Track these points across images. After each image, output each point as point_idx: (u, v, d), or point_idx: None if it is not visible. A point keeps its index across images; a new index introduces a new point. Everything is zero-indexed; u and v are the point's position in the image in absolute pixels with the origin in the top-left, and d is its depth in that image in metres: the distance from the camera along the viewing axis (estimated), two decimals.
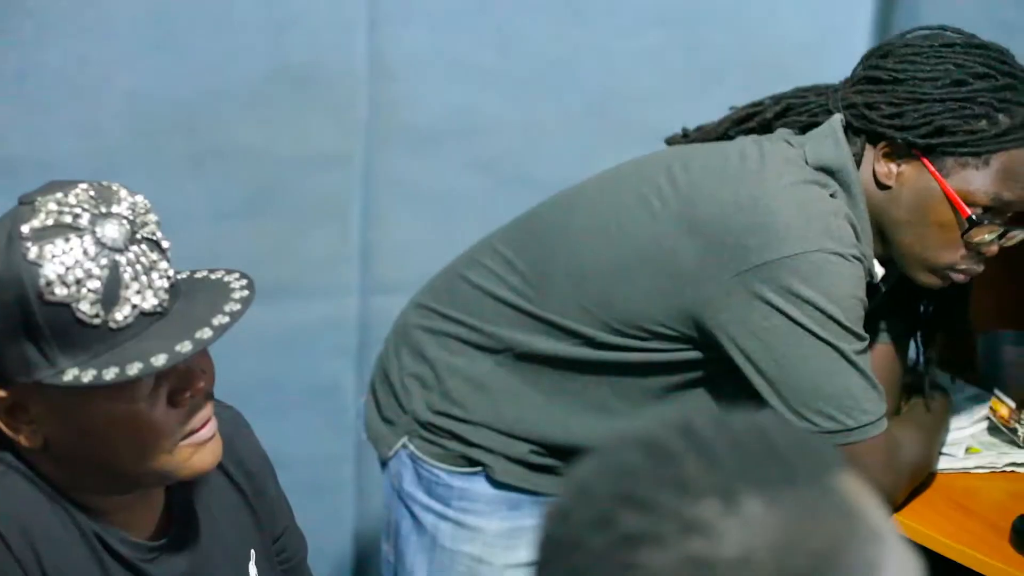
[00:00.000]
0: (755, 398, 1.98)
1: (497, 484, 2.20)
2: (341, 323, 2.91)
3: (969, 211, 1.96)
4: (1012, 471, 2.20)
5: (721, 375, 2.04)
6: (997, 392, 2.30)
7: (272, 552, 1.78)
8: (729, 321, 1.96)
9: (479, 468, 2.21)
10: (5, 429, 1.50)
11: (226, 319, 1.48)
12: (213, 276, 1.56)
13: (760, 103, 2.17)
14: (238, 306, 1.50)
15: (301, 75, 2.74)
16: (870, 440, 1.96)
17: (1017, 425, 2.25)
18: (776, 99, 2.16)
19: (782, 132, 2.09)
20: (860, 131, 2.03)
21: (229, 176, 2.75)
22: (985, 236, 1.99)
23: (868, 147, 2.02)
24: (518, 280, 2.15)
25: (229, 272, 1.57)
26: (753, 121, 2.15)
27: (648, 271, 2.03)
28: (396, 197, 2.88)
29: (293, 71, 2.74)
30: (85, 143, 2.62)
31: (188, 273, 1.56)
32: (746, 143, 2.08)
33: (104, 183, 1.50)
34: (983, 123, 1.95)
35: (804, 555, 0.89)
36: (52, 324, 1.43)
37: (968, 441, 2.27)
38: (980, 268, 2.04)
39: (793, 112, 2.12)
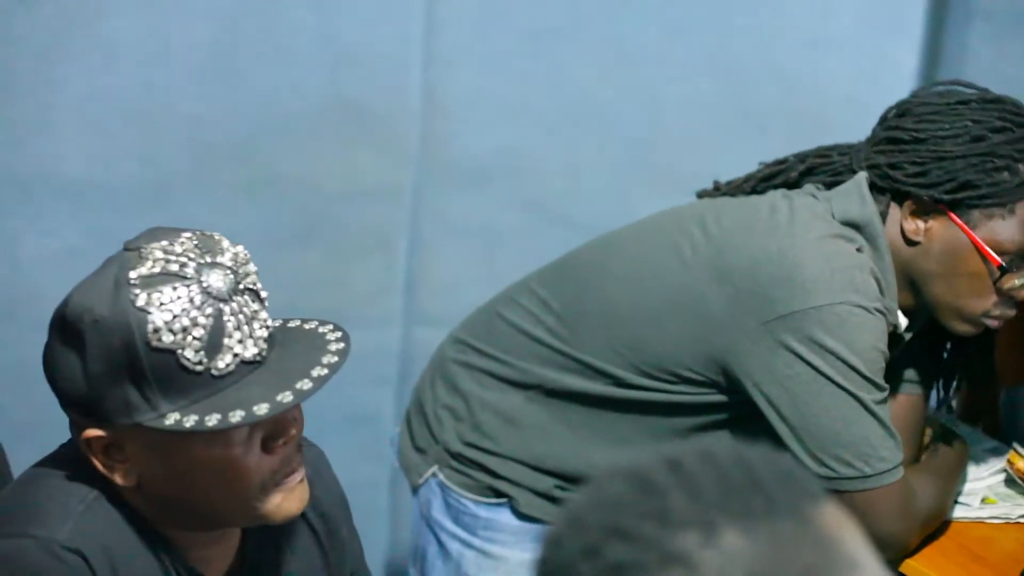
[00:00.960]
0: (777, 441, 2.03)
1: (522, 516, 2.26)
2: (384, 353, 2.97)
3: (1000, 259, 2.01)
4: None
5: (745, 418, 2.08)
6: (1016, 445, 2.33)
7: None
8: (754, 368, 2.02)
9: (505, 500, 2.26)
10: (100, 467, 1.53)
11: (325, 371, 1.51)
12: (307, 326, 1.59)
13: (784, 160, 2.22)
14: (335, 359, 1.53)
15: (355, 109, 2.81)
16: (886, 487, 2.01)
17: None
18: (801, 157, 2.21)
19: (809, 188, 2.14)
20: (884, 190, 2.09)
21: (281, 205, 2.82)
22: (1016, 282, 2.04)
23: (894, 205, 2.08)
24: (553, 320, 2.21)
25: (323, 323, 1.60)
26: (779, 179, 2.20)
27: (678, 317, 2.09)
28: (442, 232, 2.94)
29: (347, 105, 2.81)
30: (145, 168, 2.70)
31: (281, 322, 1.60)
32: (776, 197, 2.14)
33: (207, 233, 1.54)
34: (1005, 175, 2.01)
35: None
36: (156, 369, 1.46)
37: (985, 492, 2.30)
38: (1012, 312, 2.08)
39: (818, 171, 2.17)
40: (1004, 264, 2.02)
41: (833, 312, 1.98)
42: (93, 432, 1.52)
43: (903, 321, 2.12)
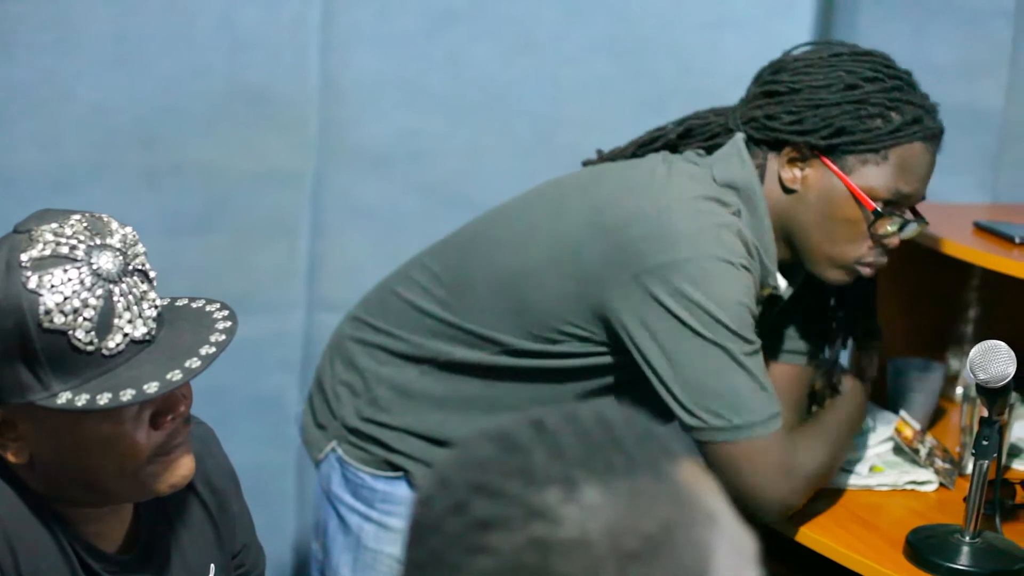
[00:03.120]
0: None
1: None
2: (287, 337, 2.99)
3: (874, 204, 2.08)
4: (912, 489, 2.31)
5: (635, 380, 2.12)
6: (903, 414, 2.40)
7: (231, 567, 1.83)
8: (628, 321, 2.07)
9: (401, 473, 2.32)
10: None
11: (213, 349, 1.54)
12: (194, 305, 1.63)
13: (663, 127, 2.28)
14: (223, 336, 1.57)
15: (255, 95, 2.82)
16: (760, 440, 2.04)
17: (919, 446, 2.35)
18: (679, 122, 2.27)
19: (689, 154, 2.20)
20: (761, 142, 2.15)
21: (183, 191, 2.82)
22: (888, 227, 2.11)
23: (772, 156, 2.14)
24: (443, 292, 2.26)
25: (210, 302, 1.63)
26: (658, 143, 2.25)
27: (559, 273, 2.14)
28: (344, 216, 2.96)
29: (248, 91, 2.82)
30: (45, 155, 2.69)
31: (169, 300, 1.62)
32: (656, 161, 2.20)
33: (96, 214, 1.56)
34: (878, 121, 2.09)
35: (637, 537, 1.00)
36: (48, 350, 1.49)
37: (873, 460, 2.36)
38: (885, 260, 2.15)
39: (695, 133, 2.23)
40: (878, 209, 2.08)
41: (698, 265, 2.03)
42: None
43: (783, 283, 2.18)
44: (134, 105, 2.75)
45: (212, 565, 1.78)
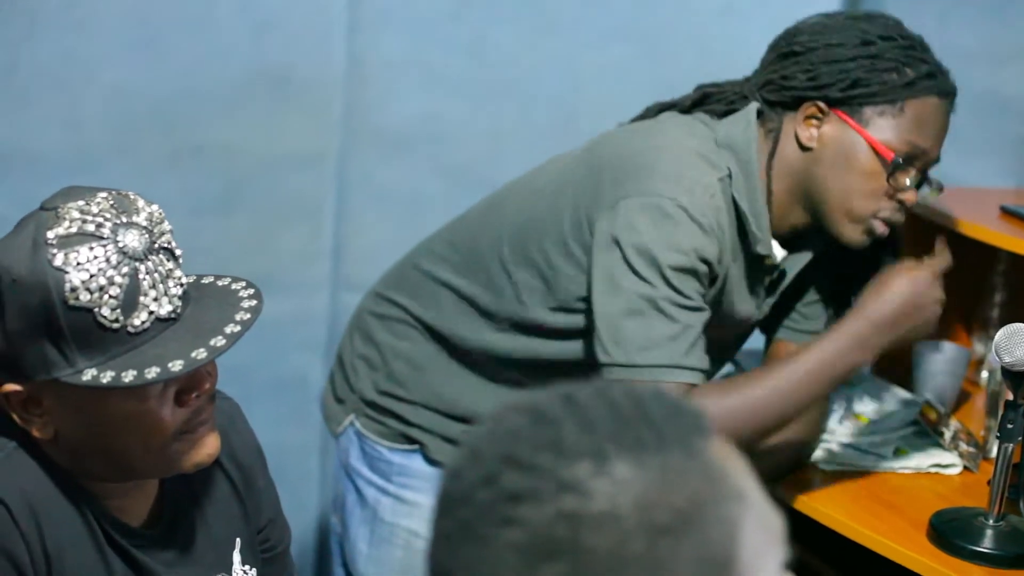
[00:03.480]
0: None
1: (433, 462, 2.33)
2: (311, 318, 3.00)
3: (892, 154, 2.08)
4: (936, 472, 2.30)
5: None
6: (928, 397, 2.40)
7: (256, 541, 1.84)
8: (595, 243, 2.08)
9: (417, 446, 2.34)
10: (18, 420, 1.56)
11: (238, 328, 1.55)
12: (220, 283, 1.63)
13: (683, 96, 2.27)
14: (248, 315, 1.57)
15: (279, 76, 2.83)
16: (665, 386, 1.98)
17: (944, 429, 2.34)
18: (697, 89, 2.27)
19: (700, 114, 2.20)
20: (777, 104, 2.15)
21: (205, 173, 2.82)
22: (907, 180, 2.11)
23: (788, 117, 2.13)
24: (459, 258, 2.28)
25: (236, 280, 1.64)
26: (675, 109, 2.25)
27: (556, 215, 2.16)
28: (367, 198, 2.97)
29: (271, 72, 2.82)
30: (68, 136, 2.70)
31: (195, 278, 1.63)
32: (665, 117, 2.22)
33: (122, 192, 1.57)
34: (893, 75, 2.09)
35: (667, 511, 1.00)
36: (74, 327, 1.49)
37: (898, 443, 2.36)
38: (901, 217, 2.15)
39: (711, 100, 2.22)
40: (898, 160, 2.08)
41: (660, 205, 2.03)
42: (11, 387, 1.55)
43: (779, 252, 2.17)
44: (156, 86, 2.75)
45: (238, 540, 1.79)
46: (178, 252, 1.58)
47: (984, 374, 2.61)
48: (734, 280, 2.16)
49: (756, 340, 2.38)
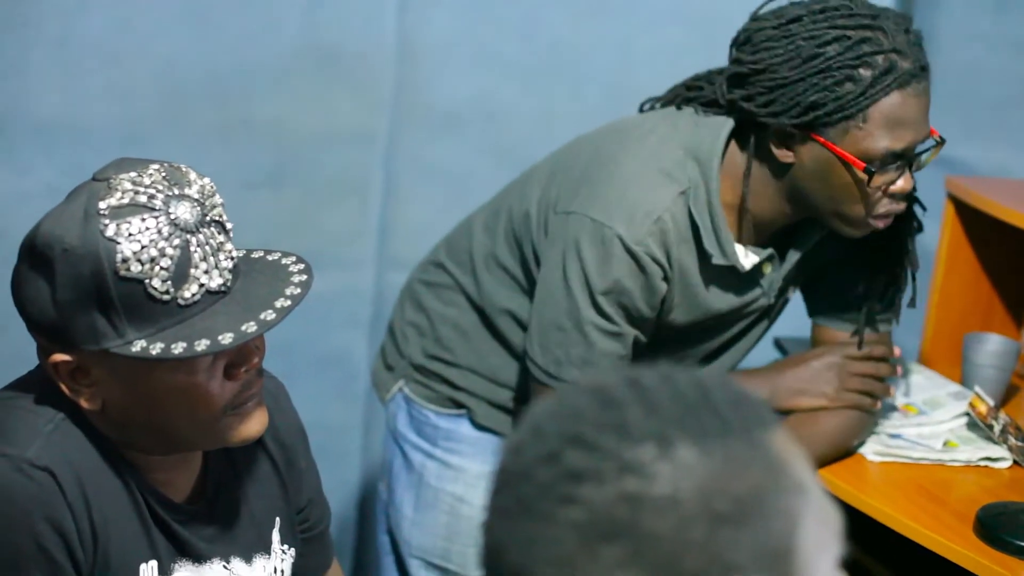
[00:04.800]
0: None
1: (479, 427, 2.35)
2: (356, 295, 3.00)
3: (864, 164, 2.02)
4: (986, 465, 2.28)
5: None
6: (977, 389, 2.38)
7: (295, 522, 1.84)
8: (547, 246, 2.15)
9: (464, 411, 2.36)
10: (66, 390, 1.57)
11: (288, 302, 1.55)
12: (270, 257, 1.62)
13: (671, 93, 2.27)
14: (298, 290, 1.56)
15: (330, 53, 2.82)
16: None
17: (994, 422, 2.32)
18: (672, 90, 2.27)
19: (688, 111, 2.18)
20: (751, 126, 2.10)
21: (255, 147, 2.82)
22: (891, 178, 2.05)
23: (763, 133, 2.08)
24: (501, 226, 2.28)
25: (286, 255, 1.63)
26: (675, 102, 2.23)
27: (536, 205, 2.21)
28: (415, 177, 2.96)
29: (322, 48, 2.82)
30: (119, 108, 2.70)
31: (245, 252, 1.62)
32: (658, 117, 2.21)
33: (174, 165, 1.57)
34: (848, 85, 2.00)
35: (728, 499, 0.99)
36: (124, 298, 1.49)
37: (947, 435, 2.34)
38: (901, 207, 2.10)
39: (693, 102, 2.19)
40: (870, 168, 2.02)
41: (601, 231, 2.07)
42: (60, 357, 1.55)
43: (746, 260, 2.15)
44: (207, 60, 2.75)
45: (277, 519, 1.79)
46: (229, 226, 1.58)
47: None
48: (695, 284, 2.15)
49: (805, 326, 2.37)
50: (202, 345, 1.50)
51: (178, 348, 1.50)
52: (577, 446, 1.02)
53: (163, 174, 1.54)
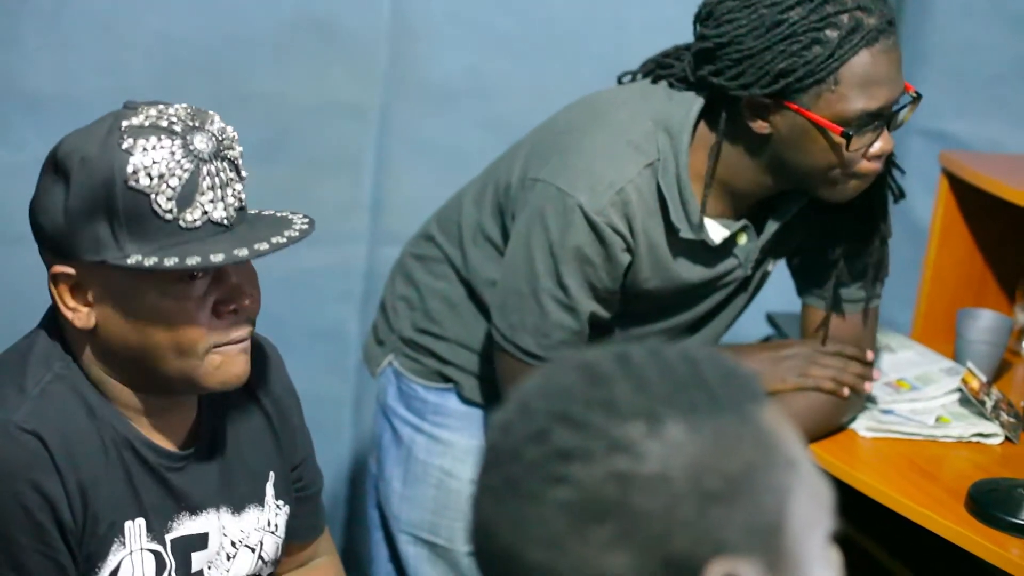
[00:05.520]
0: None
1: (467, 401, 2.36)
2: (348, 270, 2.99)
3: (841, 128, 1.99)
4: (978, 441, 2.28)
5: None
6: (970, 365, 2.38)
7: (290, 479, 1.87)
8: (518, 211, 2.16)
9: (451, 385, 2.36)
10: (63, 307, 1.61)
11: (283, 239, 1.60)
12: (279, 214, 1.68)
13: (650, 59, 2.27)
14: (296, 233, 1.62)
15: (324, 27, 2.81)
16: (516, 362, 2.16)
17: (986, 398, 2.32)
18: (645, 64, 2.26)
19: (663, 85, 2.17)
20: (722, 102, 2.08)
21: (248, 121, 2.76)
22: (869, 139, 2.03)
23: (737, 106, 2.06)
24: (488, 198, 2.29)
25: (294, 212, 1.68)
26: (650, 76, 2.23)
27: (515, 174, 2.22)
28: (409, 151, 2.96)
29: (316, 22, 2.81)
30: (111, 81, 2.69)
31: (258, 211, 1.68)
32: (634, 91, 2.21)
33: (203, 109, 1.63)
34: (816, 48, 1.98)
35: (718, 476, 0.99)
36: (129, 209, 1.55)
37: (939, 411, 2.34)
38: (879, 166, 2.07)
39: (665, 77, 2.18)
40: (847, 131, 2.00)
41: (564, 199, 2.08)
42: (62, 268, 1.60)
43: (716, 234, 2.14)
44: (201, 34, 2.75)
45: (272, 473, 1.82)
46: (244, 172, 1.63)
47: None
48: (664, 257, 2.14)
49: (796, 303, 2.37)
50: (193, 260, 1.54)
51: (170, 262, 1.54)
52: (565, 424, 1.02)
53: (189, 111, 1.61)
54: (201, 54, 2.75)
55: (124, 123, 1.57)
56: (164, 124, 1.57)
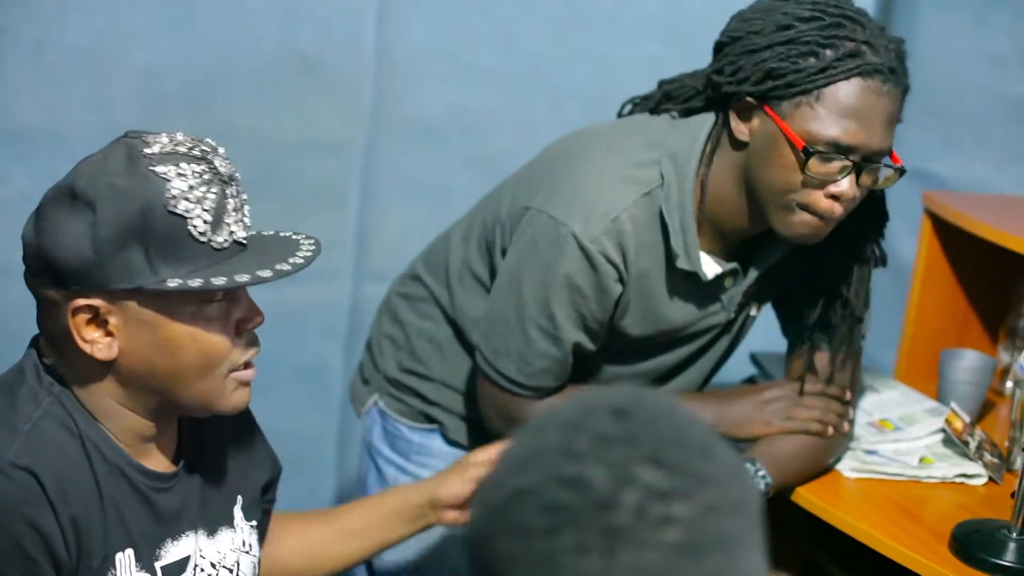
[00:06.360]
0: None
1: (451, 442, 2.36)
2: (333, 307, 3.00)
3: (804, 143, 1.96)
4: (962, 482, 2.28)
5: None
6: (953, 406, 2.37)
7: (258, 499, 1.89)
8: (512, 237, 2.15)
9: (436, 426, 2.36)
10: (80, 341, 1.60)
11: (300, 260, 1.64)
12: (282, 234, 1.72)
13: (650, 93, 2.26)
14: (309, 253, 1.66)
15: (308, 63, 2.83)
16: (495, 387, 2.17)
17: (969, 439, 2.32)
18: (659, 85, 2.24)
19: (664, 117, 2.16)
20: (716, 100, 2.08)
21: (232, 157, 2.74)
22: (828, 170, 1.98)
23: (731, 114, 2.05)
24: (475, 236, 2.28)
25: (295, 232, 1.72)
26: (646, 105, 2.23)
27: (506, 208, 2.21)
28: (393, 187, 2.96)
29: (301, 59, 2.82)
30: (96, 116, 2.70)
31: (257, 231, 1.70)
32: (630, 121, 2.21)
33: (199, 136, 1.65)
34: (811, 60, 1.97)
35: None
36: (166, 235, 1.56)
37: (923, 451, 2.34)
38: (836, 211, 2.01)
39: (673, 96, 2.18)
40: (808, 148, 1.96)
41: (556, 228, 2.06)
42: (83, 302, 1.59)
43: (709, 269, 2.13)
44: (185, 69, 2.75)
45: (239, 497, 1.84)
46: (244, 196, 1.66)
47: (1009, 384, 2.59)
48: (655, 289, 2.13)
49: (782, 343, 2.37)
50: (220, 281, 1.57)
51: (219, 281, 1.58)
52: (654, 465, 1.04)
53: (189, 137, 1.63)
54: (186, 89, 2.76)
55: (146, 150, 1.58)
56: (184, 150, 1.60)
